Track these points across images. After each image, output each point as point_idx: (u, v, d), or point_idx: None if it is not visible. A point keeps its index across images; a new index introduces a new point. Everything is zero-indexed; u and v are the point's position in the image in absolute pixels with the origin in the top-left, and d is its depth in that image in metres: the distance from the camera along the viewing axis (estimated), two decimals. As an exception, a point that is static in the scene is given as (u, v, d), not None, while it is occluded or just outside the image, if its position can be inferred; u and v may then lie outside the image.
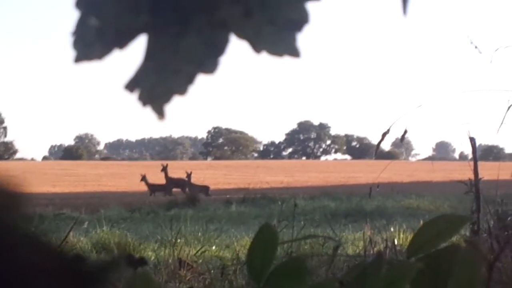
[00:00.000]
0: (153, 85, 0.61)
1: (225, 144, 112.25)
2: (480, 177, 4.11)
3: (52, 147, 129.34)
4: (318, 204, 15.84)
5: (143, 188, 23.25)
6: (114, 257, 0.53)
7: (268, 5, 0.59)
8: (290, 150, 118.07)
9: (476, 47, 3.65)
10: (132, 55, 0.64)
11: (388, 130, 2.66)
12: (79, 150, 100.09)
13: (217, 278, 4.61)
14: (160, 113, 0.62)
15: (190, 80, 0.61)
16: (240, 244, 7.54)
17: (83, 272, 0.51)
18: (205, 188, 22.53)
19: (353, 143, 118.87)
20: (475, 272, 0.89)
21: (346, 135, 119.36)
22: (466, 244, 0.91)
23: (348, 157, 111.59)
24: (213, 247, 7.77)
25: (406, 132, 2.60)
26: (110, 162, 70.07)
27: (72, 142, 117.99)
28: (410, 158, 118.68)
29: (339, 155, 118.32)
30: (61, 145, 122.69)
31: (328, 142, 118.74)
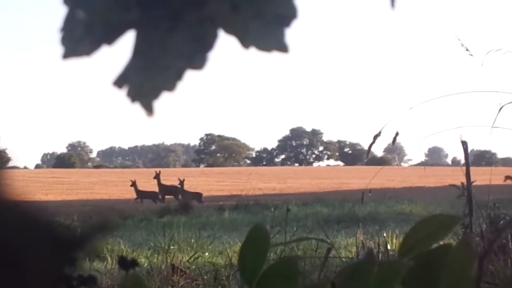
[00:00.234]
0: (142, 81, 0.61)
1: (217, 151, 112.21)
2: (473, 180, 4.11)
3: (45, 155, 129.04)
4: (311, 210, 15.83)
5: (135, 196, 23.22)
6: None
7: (256, 0, 0.59)
8: (282, 156, 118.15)
9: (467, 50, 3.66)
10: (121, 52, 0.64)
11: (380, 133, 2.66)
12: (71, 158, 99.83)
13: (210, 284, 4.60)
14: (149, 110, 0.61)
15: (179, 76, 0.61)
16: (233, 250, 7.52)
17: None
18: (198, 195, 22.50)
19: (346, 149, 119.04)
20: (467, 268, 0.89)
21: (339, 141, 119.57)
22: (458, 241, 0.91)
23: (341, 163, 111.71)
24: (206, 254, 7.76)
25: (397, 134, 2.60)
26: (102, 170, 69.90)
27: (64, 150, 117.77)
28: (402, 163, 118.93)
29: (331, 161, 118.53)
30: (53, 153, 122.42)
31: (321, 148, 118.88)
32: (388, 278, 0.92)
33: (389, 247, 5.36)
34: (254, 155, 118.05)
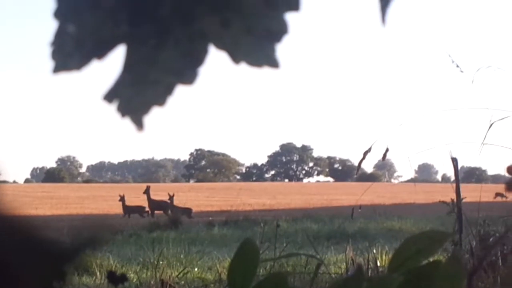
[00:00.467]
0: (132, 96, 0.61)
1: (207, 166, 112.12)
2: (463, 197, 4.13)
3: (34, 169, 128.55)
4: (301, 226, 15.80)
5: (125, 211, 23.13)
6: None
7: (247, 15, 0.59)
8: (272, 172, 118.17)
9: (457, 66, 3.68)
10: (111, 67, 0.64)
11: (370, 149, 2.66)
12: (61, 173, 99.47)
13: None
14: (139, 125, 0.61)
15: (169, 91, 0.61)
16: (223, 266, 7.50)
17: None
18: (187, 210, 22.43)
19: (336, 165, 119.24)
20: (457, 285, 0.89)
21: (329, 157, 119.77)
22: (448, 258, 0.91)
23: (331, 179, 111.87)
24: (196, 269, 7.73)
25: (387, 150, 2.60)
26: (92, 185, 69.67)
27: (54, 165, 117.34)
28: (392, 180, 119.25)
29: (321, 177, 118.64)
30: (43, 167, 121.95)
31: (311, 164, 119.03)
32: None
33: (378, 263, 5.36)
34: (244, 170, 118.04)
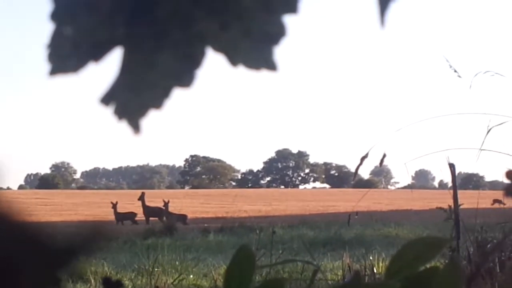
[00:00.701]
0: (129, 99, 0.60)
1: (203, 172, 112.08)
2: (460, 204, 4.13)
3: (28, 176, 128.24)
4: (297, 233, 15.80)
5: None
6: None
7: (245, 18, 0.59)
8: (268, 178, 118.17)
9: (455, 71, 3.68)
10: (107, 70, 0.63)
11: (367, 154, 2.66)
12: (55, 179, 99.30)
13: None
14: (136, 128, 0.61)
15: (166, 94, 0.60)
16: (218, 273, 7.49)
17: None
18: (182, 217, 22.40)
19: (332, 172, 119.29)
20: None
21: (325, 163, 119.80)
22: (445, 264, 0.90)
23: (327, 186, 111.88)
24: (191, 276, 7.72)
25: (384, 156, 2.60)
26: (86, 191, 69.56)
27: (48, 171, 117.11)
28: (389, 186, 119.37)
29: (317, 184, 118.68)
30: (37, 173, 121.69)
31: (307, 170, 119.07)
32: (376, 300, 0.92)
33: (375, 270, 5.36)
34: (239, 177, 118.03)
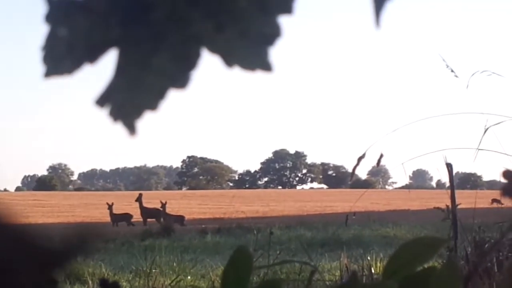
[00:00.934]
0: (124, 100, 0.60)
1: (200, 173, 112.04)
2: (457, 203, 4.13)
3: (25, 177, 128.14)
4: (294, 234, 15.80)
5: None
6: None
7: (240, 19, 0.59)
8: (265, 179, 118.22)
9: (452, 71, 3.68)
10: (103, 71, 0.63)
11: (364, 155, 2.66)
12: (52, 181, 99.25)
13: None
14: (131, 129, 0.60)
15: (161, 95, 0.60)
16: (216, 274, 7.48)
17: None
18: (180, 218, 22.39)
19: (330, 172, 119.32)
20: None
21: (323, 164, 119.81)
22: (443, 264, 0.90)
23: (325, 186, 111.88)
24: (188, 277, 7.71)
25: (382, 156, 2.60)
26: (83, 193, 69.53)
27: (45, 173, 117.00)
28: (386, 186, 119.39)
29: (315, 184, 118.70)
30: (34, 175, 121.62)
31: (304, 171, 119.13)
32: (373, 301, 0.92)
33: (373, 270, 5.36)
34: (237, 177, 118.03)
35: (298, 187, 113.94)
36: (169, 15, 0.59)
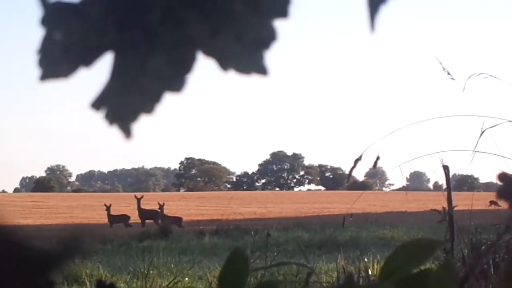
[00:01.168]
0: (120, 103, 0.60)
1: (198, 175, 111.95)
2: (454, 205, 4.13)
3: (24, 179, 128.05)
4: (292, 235, 15.80)
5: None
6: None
7: (235, 22, 0.59)
8: (263, 181, 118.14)
9: (448, 74, 3.68)
10: (99, 75, 0.63)
11: (361, 157, 2.66)
12: (50, 182, 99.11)
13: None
14: (127, 132, 0.61)
15: (157, 98, 0.60)
16: (213, 275, 7.48)
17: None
18: (178, 220, 22.37)
19: (327, 174, 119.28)
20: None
21: (320, 166, 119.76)
22: (439, 266, 0.91)
23: (322, 188, 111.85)
24: (186, 278, 7.71)
25: (378, 158, 2.60)
26: (81, 194, 69.46)
27: (43, 174, 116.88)
28: (384, 188, 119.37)
29: (312, 186, 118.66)
30: (32, 177, 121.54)
31: (302, 172, 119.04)
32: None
33: (370, 272, 5.36)
34: (234, 179, 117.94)
35: (296, 189, 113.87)
36: (165, 19, 0.59)
